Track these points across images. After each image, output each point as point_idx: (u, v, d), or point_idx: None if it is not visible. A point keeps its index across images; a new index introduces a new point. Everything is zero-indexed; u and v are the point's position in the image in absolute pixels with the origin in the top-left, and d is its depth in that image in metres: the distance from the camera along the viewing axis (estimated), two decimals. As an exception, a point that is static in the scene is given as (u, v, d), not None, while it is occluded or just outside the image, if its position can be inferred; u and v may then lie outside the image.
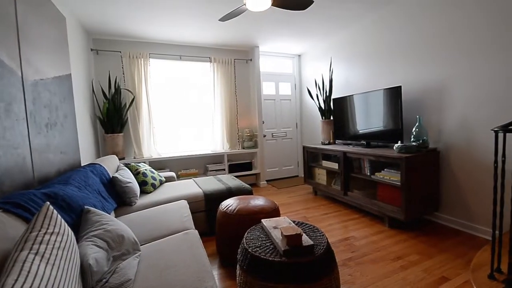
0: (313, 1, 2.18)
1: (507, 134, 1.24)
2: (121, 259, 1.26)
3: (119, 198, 2.19)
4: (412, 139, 2.54)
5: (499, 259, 1.40)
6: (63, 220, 1.04)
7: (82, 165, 2.46)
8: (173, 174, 3.18)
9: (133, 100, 3.50)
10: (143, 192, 2.53)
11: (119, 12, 2.77)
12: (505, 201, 1.49)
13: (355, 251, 2.12)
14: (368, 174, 2.83)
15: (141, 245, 1.50)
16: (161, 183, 2.84)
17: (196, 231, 1.65)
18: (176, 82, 4.00)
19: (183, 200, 2.23)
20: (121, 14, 2.82)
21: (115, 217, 2.00)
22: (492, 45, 2.10)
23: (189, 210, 2.02)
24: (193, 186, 2.68)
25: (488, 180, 2.17)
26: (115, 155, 2.80)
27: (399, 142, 2.56)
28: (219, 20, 2.45)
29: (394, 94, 2.66)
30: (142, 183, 2.53)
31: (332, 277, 1.27)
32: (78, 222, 1.32)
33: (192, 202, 2.39)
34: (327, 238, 1.41)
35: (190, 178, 3.33)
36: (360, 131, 3.19)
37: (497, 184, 1.36)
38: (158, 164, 3.83)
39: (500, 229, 1.36)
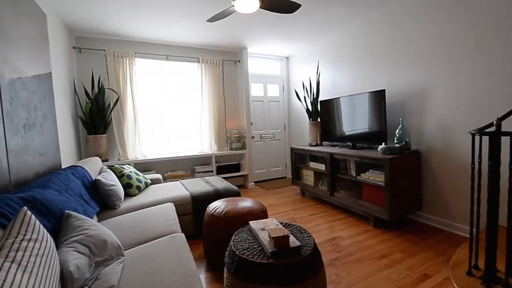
0: (300, 5, 2.21)
1: (483, 137, 1.30)
2: (104, 265, 1.22)
3: (102, 202, 2.13)
4: (395, 141, 2.62)
5: (476, 256, 1.46)
6: (41, 226, 0.99)
7: (62, 167, 2.37)
8: (159, 176, 3.12)
9: (117, 100, 3.41)
10: (128, 195, 2.46)
11: (103, 10, 2.70)
12: (481, 201, 1.56)
13: (341, 251, 2.16)
14: (354, 175, 2.89)
15: (125, 250, 1.46)
16: (147, 185, 2.78)
17: (183, 234, 1.62)
18: (163, 82, 3.93)
19: (170, 203, 2.19)
20: (105, 12, 2.75)
21: (98, 221, 1.93)
22: (469, 51, 2.20)
23: (175, 213, 1.99)
24: (180, 188, 2.64)
25: (466, 181, 2.27)
26: (98, 157, 2.72)
27: (383, 143, 2.63)
28: (207, 20, 2.44)
29: (378, 97, 2.74)
30: (127, 186, 2.47)
31: (319, 278, 1.29)
32: (58, 227, 1.27)
33: (179, 204, 2.35)
34: (314, 239, 1.43)
35: (177, 180, 3.28)
36: (346, 133, 3.25)
37: (474, 184, 1.43)
38: (144, 166, 3.75)
39: (477, 228, 1.42)
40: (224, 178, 4.11)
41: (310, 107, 3.96)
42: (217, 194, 2.51)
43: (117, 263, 1.26)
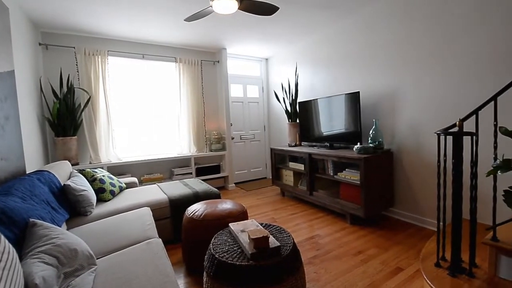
0: (278, 8, 2.24)
1: (447, 136, 1.40)
2: (74, 276, 1.15)
3: (72, 208, 2.01)
4: (369, 141, 2.74)
5: (443, 248, 1.56)
6: (3, 236, 0.92)
7: (27, 172, 2.21)
8: (134, 179, 3.00)
9: (88, 100, 3.24)
10: (101, 200, 2.34)
11: (72, 4, 2.55)
12: (447, 196, 1.67)
13: (320, 249, 2.20)
14: (332, 174, 2.97)
15: (97, 258, 1.38)
16: (121, 189, 2.66)
17: (160, 239, 1.57)
18: (138, 82, 3.80)
19: (146, 207, 2.12)
20: (75, 7, 2.60)
21: (68, 229, 1.82)
22: (433, 56, 2.36)
23: (152, 217, 1.92)
24: (157, 192, 2.56)
25: (434, 178, 2.42)
26: (67, 161, 2.56)
27: (358, 143, 2.73)
28: (184, 20, 2.40)
29: (353, 99, 2.84)
30: (99, 191, 2.35)
31: (298, 276, 1.31)
32: (23, 237, 1.18)
33: (156, 208, 2.28)
34: (293, 239, 1.45)
35: (154, 183, 3.18)
36: (324, 133, 3.34)
37: (440, 181, 1.53)
38: (119, 169, 3.59)
39: (444, 221, 1.52)
40: (203, 180, 4.04)
41: (289, 108, 4.03)
42: (196, 197, 2.47)
43: (89, 273, 1.19)
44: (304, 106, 3.62)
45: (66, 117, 3.02)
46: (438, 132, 1.41)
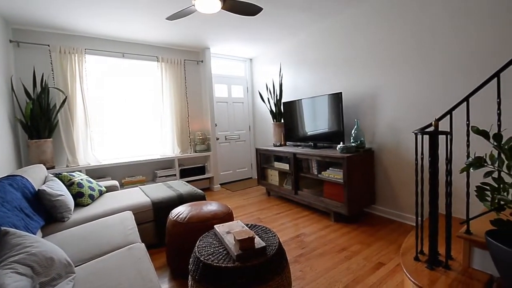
0: (262, 8, 2.24)
1: (424, 135, 1.46)
2: (50, 285, 1.09)
3: (48, 214, 1.91)
4: (351, 140, 2.81)
5: (422, 242, 1.63)
6: (-33, 248, 0.85)
7: (-3, 177, 2.07)
8: (115, 182, 2.90)
9: (64, 100, 3.09)
10: (79, 205, 2.24)
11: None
12: (424, 193, 1.74)
13: (305, 247, 2.23)
14: (316, 173, 3.02)
15: (76, 266, 1.32)
16: (101, 193, 2.56)
17: (143, 244, 1.53)
18: (119, 82, 3.67)
19: (128, 211, 2.06)
20: (50, 2, 2.47)
21: (43, 236, 1.73)
22: (411, 57, 2.46)
23: (134, 221, 1.86)
24: (139, 195, 2.49)
25: (412, 175, 2.53)
26: (42, 164, 2.43)
27: (341, 143, 2.80)
28: (166, 18, 2.34)
29: (336, 99, 2.90)
30: (77, 195, 2.25)
31: (284, 276, 1.32)
32: (-8, 247, 1.10)
33: (139, 212, 2.21)
34: (278, 238, 1.46)
35: (136, 186, 3.09)
36: (308, 133, 3.39)
37: (418, 178, 1.59)
38: (98, 172, 3.46)
39: (422, 217, 1.59)
40: (188, 181, 3.98)
41: (273, 109, 4.05)
42: (181, 199, 2.42)
43: (67, 282, 1.13)
44: (288, 106, 3.66)
45: (40, 118, 2.86)
46: (416, 132, 1.47)
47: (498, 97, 1.35)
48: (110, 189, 2.78)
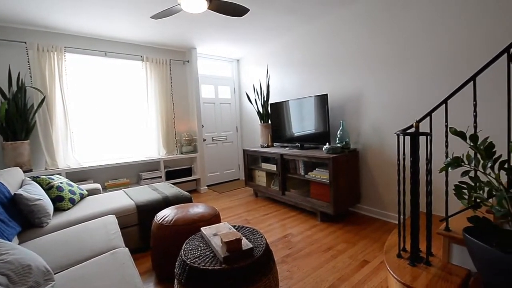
0: (249, 9, 2.24)
1: (405, 136, 1.51)
2: (27, 295, 1.04)
3: (26, 220, 1.82)
4: (337, 141, 2.86)
5: (404, 240, 1.68)
6: None
7: (-32, 181, 1.95)
8: (97, 185, 2.80)
9: (43, 100, 2.96)
10: (59, 209, 2.15)
11: (21, -5, 2.32)
12: (406, 192, 1.79)
13: (292, 247, 2.25)
14: (303, 174, 3.05)
15: (56, 273, 1.27)
16: (82, 197, 2.47)
17: (126, 248, 1.48)
18: (101, 81, 3.56)
19: (111, 215, 1.99)
20: (25, -2, 2.36)
21: (20, 243, 1.64)
22: (393, 60, 2.54)
23: (117, 225, 1.81)
24: (123, 198, 2.42)
25: (394, 175, 2.61)
26: (18, 167, 2.31)
27: (327, 144, 2.84)
28: (151, 17, 2.30)
29: (322, 101, 2.95)
30: (57, 199, 2.15)
31: (271, 276, 1.32)
32: (-39, 256, 1.04)
33: (122, 216, 2.15)
34: (266, 239, 1.46)
35: (120, 189, 3.00)
36: (295, 134, 3.42)
37: (400, 178, 1.64)
38: (79, 175, 3.33)
39: (404, 215, 1.64)
40: (174, 183, 3.91)
41: (261, 110, 4.06)
42: (166, 202, 2.38)
43: (45, 291, 1.08)
44: (275, 108, 3.68)
45: (16, 119, 2.72)
46: (398, 133, 1.52)
47: (474, 99, 1.42)
48: (92, 192, 2.69)
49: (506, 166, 1.07)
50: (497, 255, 0.97)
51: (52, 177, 2.34)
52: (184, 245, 1.44)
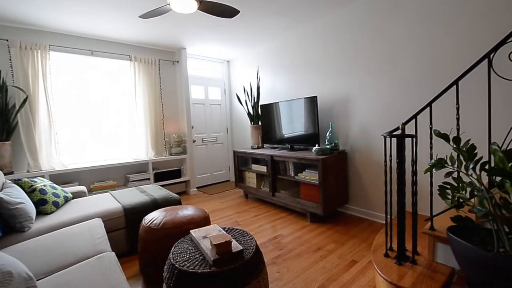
0: (239, 11, 2.24)
1: (392, 138, 1.55)
2: (6, 303, 0.99)
3: (6, 224, 1.75)
4: (326, 143, 2.90)
5: (391, 239, 1.72)
6: None
7: None
8: (83, 188, 2.72)
9: (25, 100, 2.85)
10: (42, 213, 2.07)
11: (3, -9, 2.23)
12: (393, 192, 1.84)
13: (282, 248, 2.26)
14: (292, 175, 3.07)
15: (38, 280, 1.22)
16: (67, 200, 2.39)
17: (113, 253, 1.44)
18: (87, 81, 3.47)
19: (97, 218, 1.94)
20: (7, -6, 2.28)
21: (0, 249, 1.58)
22: (380, 64, 2.60)
23: (103, 229, 1.76)
24: (109, 201, 2.36)
25: (382, 176, 2.66)
26: (-2, 170, 2.22)
27: (316, 145, 2.87)
28: (139, 17, 2.26)
29: (311, 103, 2.98)
30: (40, 202, 2.08)
31: (261, 278, 1.32)
32: None
33: (109, 219, 2.09)
34: (256, 241, 1.46)
35: (107, 192, 2.93)
36: (285, 136, 3.44)
37: (387, 178, 1.68)
38: (64, 178, 3.23)
39: (390, 215, 1.68)
40: (163, 185, 3.85)
41: (251, 111, 4.06)
42: (155, 204, 2.33)
43: (26, 298, 1.04)
44: (266, 109, 3.69)
45: (-4, 119, 2.62)
46: (385, 135, 1.55)
47: (457, 103, 1.47)
48: (77, 195, 2.61)
49: (487, 167, 1.11)
50: (479, 253, 1.01)
51: (35, 179, 2.25)
52: (173, 248, 1.42)
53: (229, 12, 2.24)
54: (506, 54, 1.34)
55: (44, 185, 2.22)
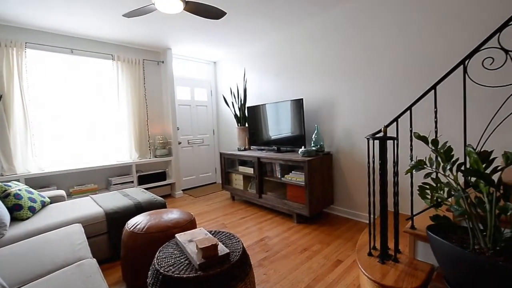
0: (226, 13, 2.24)
1: (375, 140, 1.59)
2: (-25, 317, 0.93)
3: (-25, 232, 1.64)
4: (312, 145, 2.94)
5: (374, 239, 1.76)
6: None
7: None
8: (61, 192, 2.60)
9: (-1, 100, 2.71)
10: (17, 219, 1.96)
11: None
12: (376, 192, 1.89)
13: (269, 250, 2.26)
14: (279, 176, 3.09)
15: (11, 290, 1.15)
16: (44, 205, 2.28)
17: (94, 259, 1.39)
18: (67, 80, 3.33)
19: (76, 224, 1.86)
20: (-22, -13, 2.15)
21: (-32, 258, 1.47)
22: (365, 69, 2.67)
23: (84, 235, 1.69)
24: (90, 205, 2.27)
25: (365, 177, 2.73)
26: (-32, 174, 2.08)
27: (302, 147, 2.91)
28: (123, 15, 2.20)
29: (298, 105, 3.02)
30: (14, 208, 1.97)
31: (247, 281, 1.31)
32: None
33: (90, 224, 2.02)
34: (242, 244, 1.45)
35: (87, 196, 2.82)
36: (272, 137, 3.46)
37: (370, 179, 1.73)
38: (41, 182, 3.08)
39: (374, 215, 1.72)
40: (147, 188, 3.76)
41: (238, 113, 4.05)
42: (138, 208, 2.27)
43: (-3, 311, 0.98)
44: (253, 111, 3.69)
45: (-35, 119, 2.46)
46: (368, 137, 1.60)
47: (435, 106, 1.53)
48: (55, 199, 2.49)
49: (463, 168, 1.17)
50: (456, 250, 1.06)
51: (9, 184, 2.13)
52: (157, 253, 1.38)
53: (215, 14, 2.23)
54: (480, 61, 1.42)
55: (19, 190, 2.11)
